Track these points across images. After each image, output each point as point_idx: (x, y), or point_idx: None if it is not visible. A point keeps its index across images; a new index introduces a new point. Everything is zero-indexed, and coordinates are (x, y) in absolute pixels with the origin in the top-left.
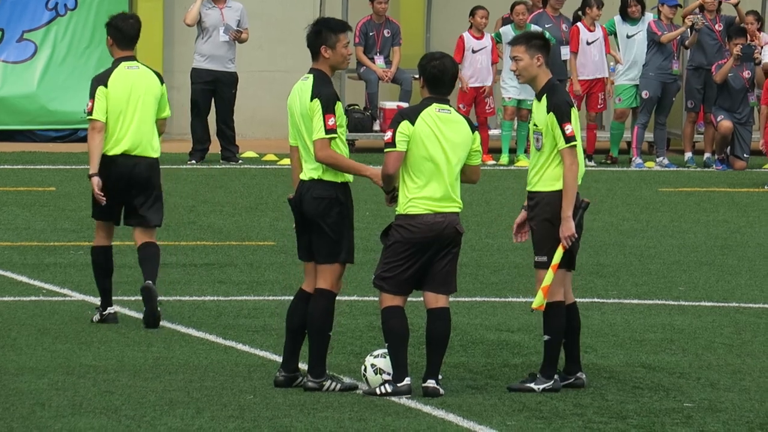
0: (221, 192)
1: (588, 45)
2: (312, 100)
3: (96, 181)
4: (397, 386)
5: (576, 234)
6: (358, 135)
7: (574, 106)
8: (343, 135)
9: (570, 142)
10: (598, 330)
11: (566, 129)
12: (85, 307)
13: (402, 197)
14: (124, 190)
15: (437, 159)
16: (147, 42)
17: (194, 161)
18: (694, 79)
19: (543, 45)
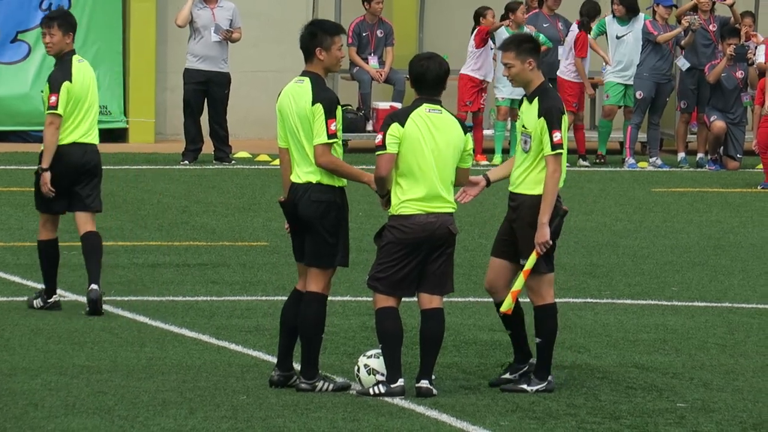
0: (214, 192)
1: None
2: (314, 105)
3: (48, 176)
4: (391, 387)
5: (551, 241)
6: (351, 135)
7: (566, 113)
8: (340, 138)
9: (556, 150)
10: (591, 330)
11: (555, 136)
12: (78, 308)
13: (394, 198)
14: (74, 178)
15: (428, 159)
16: (140, 43)
17: (187, 161)
18: (688, 80)
19: (533, 48)
